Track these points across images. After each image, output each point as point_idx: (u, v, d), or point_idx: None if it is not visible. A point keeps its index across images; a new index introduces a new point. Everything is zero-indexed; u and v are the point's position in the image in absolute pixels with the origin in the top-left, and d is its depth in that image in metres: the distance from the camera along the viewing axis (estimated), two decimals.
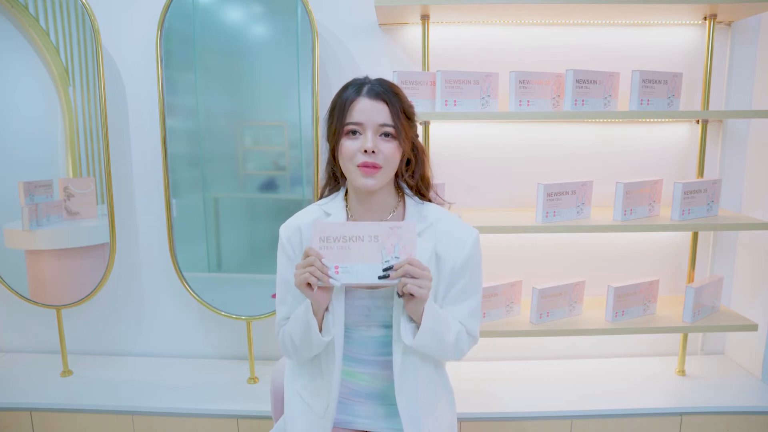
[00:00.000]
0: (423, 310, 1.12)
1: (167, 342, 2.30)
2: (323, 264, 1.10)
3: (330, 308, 1.17)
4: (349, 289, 1.20)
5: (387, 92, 1.17)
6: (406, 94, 1.23)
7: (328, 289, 1.14)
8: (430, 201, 1.29)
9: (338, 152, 1.19)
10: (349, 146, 1.16)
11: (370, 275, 1.11)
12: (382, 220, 1.24)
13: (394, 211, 1.25)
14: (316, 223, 1.12)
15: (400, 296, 1.12)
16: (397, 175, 1.26)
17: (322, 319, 1.17)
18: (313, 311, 1.15)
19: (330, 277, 1.10)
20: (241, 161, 2.07)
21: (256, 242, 2.17)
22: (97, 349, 2.33)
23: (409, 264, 1.09)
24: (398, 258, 1.11)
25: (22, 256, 2.13)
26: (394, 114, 1.15)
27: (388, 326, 1.21)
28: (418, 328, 1.15)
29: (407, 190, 1.27)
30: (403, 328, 1.15)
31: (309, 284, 1.10)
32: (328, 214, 1.25)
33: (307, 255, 1.10)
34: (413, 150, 1.24)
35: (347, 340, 1.23)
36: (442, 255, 1.20)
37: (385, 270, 1.11)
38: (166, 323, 2.28)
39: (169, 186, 2.00)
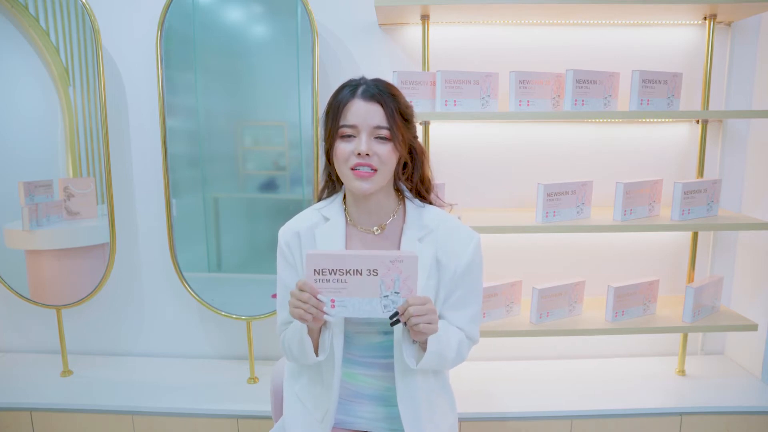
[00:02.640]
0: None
1: (167, 342, 2.30)
2: (318, 300, 1.06)
3: (328, 324, 1.16)
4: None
5: (382, 93, 1.14)
6: (406, 94, 1.22)
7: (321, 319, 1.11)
8: (431, 203, 1.28)
9: (333, 155, 1.17)
10: (343, 149, 1.14)
11: (367, 310, 1.07)
12: (381, 224, 1.22)
13: (393, 215, 1.24)
14: (310, 254, 1.06)
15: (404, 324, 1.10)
16: (397, 178, 1.24)
17: (320, 334, 1.16)
18: (309, 330, 1.14)
19: (325, 312, 1.07)
20: (241, 161, 2.07)
21: (256, 242, 2.17)
22: (97, 349, 2.33)
23: (410, 305, 1.05)
24: (398, 293, 1.06)
25: (22, 256, 2.13)
26: (389, 116, 1.13)
27: (389, 332, 1.20)
28: (419, 347, 1.15)
29: (407, 193, 1.25)
30: (405, 353, 1.14)
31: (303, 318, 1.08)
32: (326, 219, 1.23)
33: (301, 289, 1.07)
34: (411, 152, 1.22)
35: (348, 344, 1.22)
36: (443, 261, 1.19)
37: (391, 318, 1.07)
38: (166, 323, 2.28)
39: (169, 186, 2.00)
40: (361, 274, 1.06)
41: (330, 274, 1.06)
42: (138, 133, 2.13)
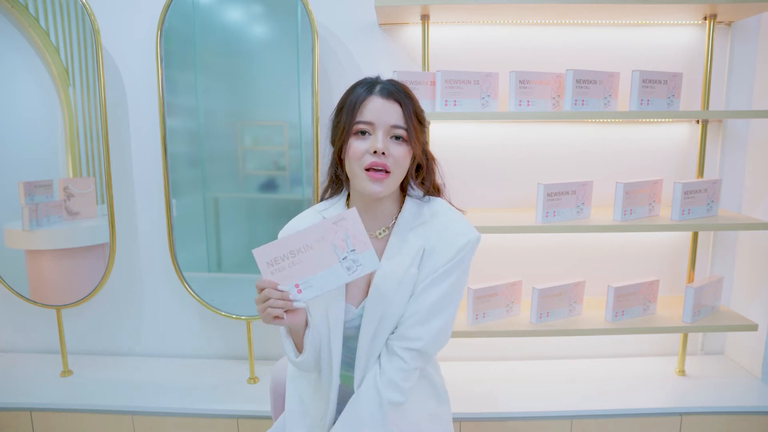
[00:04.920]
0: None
1: (167, 342, 2.30)
2: (281, 291, 1.04)
3: (310, 322, 1.15)
4: (347, 308, 1.17)
5: (400, 93, 1.12)
6: None
7: (297, 311, 1.08)
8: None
9: (345, 153, 1.13)
10: (357, 147, 1.10)
11: (333, 280, 1.05)
12: (383, 227, 1.20)
13: (395, 218, 1.20)
14: (256, 251, 1.04)
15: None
16: (409, 181, 1.20)
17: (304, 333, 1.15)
18: (294, 330, 1.13)
19: (293, 300, 1.04)
20: (241, 161, 2.07)
21: (256, 242, 2.13)
22: (97, 349, 2.33)
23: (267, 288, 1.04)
24: (354, 250, 1.04)
25: (22, 256, 2.13)
26: (407, 116, 1.10)
27: None
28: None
29: (410, 190, 1.21)
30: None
31: (276, 316, 1.05)
32: None
33: (260, 289, 1.05)
34: (424, 155, 1.18)
35: (344, 347, 1.21)
36: (428, 251, 1.14)
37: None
38: (166, 323, 2.28)
39: (169, 186, 2.00)
40: (312, 247, 1.04)
41: (283, 260, 1.04)
42: (138, 133, 2.13)
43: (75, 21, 2.00)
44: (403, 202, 1.22)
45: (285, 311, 1.06)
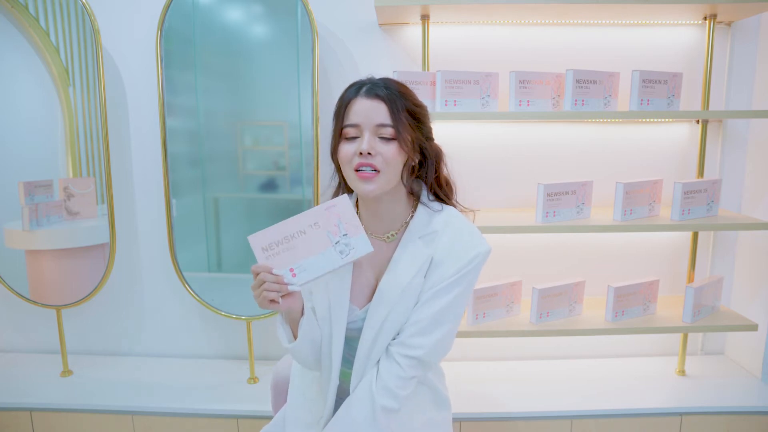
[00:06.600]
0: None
1: (167, 342, 2.30)
2: (275, 275, 1.06)
3: (306, 312, 1.15)
4: (351, 309, 1.17)
5: (389, 91, 1.10)
6: None
7: (293, 295, 1.09)
8: (452, 206, 1.23)
9: (338, 158, 1.13)
10: (346, 150, 1.10)
11: (326, 263, 1.07)
12: (391, 231, 1.19)
13: (406, 223, 1.18)
14: (251, 236, 1.07)
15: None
16: (403, 180, 1.18)
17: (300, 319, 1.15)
18: (291, 317, 1.13)
19: (288, 283, 1.06)
20: (241, 161, 2.07)
21: None
22: (97, 349, 2.33)
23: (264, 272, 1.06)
24: (347, 235, 1.07)
25: (22, 256, 2.13)
26: (393, 114, 1.08)
27: None
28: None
29: (423, 197, 1.20)
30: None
31: (272, 300, 1.06)
32: None
33: (255, 273, 1.06)
34: (422, 153, 1.16)
35: (345, 345, 1.21)
36: (436, 261, 1.14)
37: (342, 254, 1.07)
38: (166, 323, 2.28)
39: (169, 186, 2.00)
40: (305, 232, 1.07)
41: (277, 245, 1.07)
42: (138, 133, 2.13)
43: (75, 21, 2.00)
44: (415, 208, 1.20)
45: (281, 296, 1.08)
